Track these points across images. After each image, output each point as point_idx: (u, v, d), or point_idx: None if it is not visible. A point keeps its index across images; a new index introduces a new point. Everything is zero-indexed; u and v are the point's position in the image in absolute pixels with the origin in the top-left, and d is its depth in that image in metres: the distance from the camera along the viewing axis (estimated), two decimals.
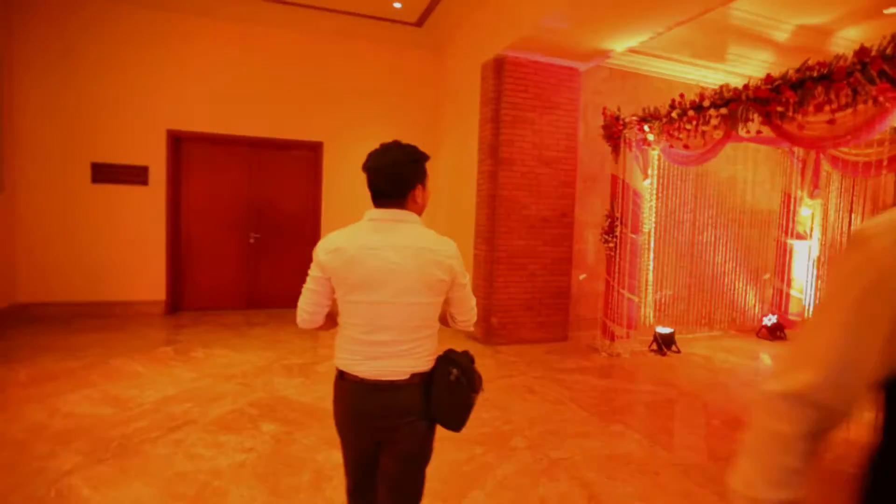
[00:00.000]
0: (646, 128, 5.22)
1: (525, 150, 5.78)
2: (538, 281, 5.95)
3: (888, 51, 3.23)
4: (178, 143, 6.74)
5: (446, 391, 1.60)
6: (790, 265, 6.45)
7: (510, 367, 5.01)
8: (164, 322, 6.33)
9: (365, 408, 1.59)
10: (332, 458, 2.97)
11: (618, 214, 5.52)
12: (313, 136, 7.15)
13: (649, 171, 5.57)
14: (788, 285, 6.48)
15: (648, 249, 5.73)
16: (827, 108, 3.59)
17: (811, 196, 6.34)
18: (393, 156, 1.63)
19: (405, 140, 1.75)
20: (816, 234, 6.46)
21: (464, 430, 1.69)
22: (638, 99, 6.26)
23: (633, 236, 5.55)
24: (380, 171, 1.62)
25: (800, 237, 6.40)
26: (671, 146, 5.08)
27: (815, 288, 6.58)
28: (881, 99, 3.32)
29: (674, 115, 4.79)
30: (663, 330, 5.66)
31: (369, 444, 1.65)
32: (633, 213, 5.54)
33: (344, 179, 7.20)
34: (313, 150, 7.25)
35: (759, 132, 4.15)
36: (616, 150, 5.55)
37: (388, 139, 1.73)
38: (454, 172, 7.02)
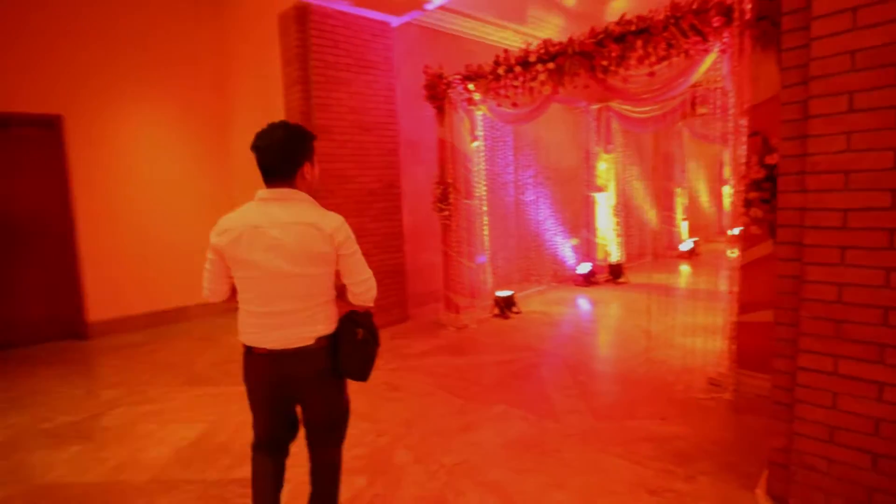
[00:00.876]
0: (471, 86, 4.96)
1: (343, 116, 5.04)
2: (371, 261, 5.32)
3: (695, 6, 3.43)
4: None
5: (354, 350, 1.76)
6: (594, 216, 7.10)
7: None
8: None
9: (279, 375, 1.72)
10: None
11: (450, 180, 5.23)
12: (46, 107, 5.18)
13: (477, 133, 5.38)
14: (594, 234, 7.15)
15: (482, 214, 5.61)
16: (646, 61, 3.73)
17: (606, 151, 7.02)
18: (279, 134, 1.71)
19: (186, 111, 1.05)
20: (612, 185, 7.22)
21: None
22: (450, 60, 5.99)
23: (467, 202, 5.35)
24: (267, 150, 1.71)
25: (599, 189, 7.06)
26: (499, 105, 4.93)
27: (616, 234, 7.41)
28: (692, 52, 3.54)
29: (500, 71, 4.60)
30: (503, 293, 5.66)
31: (282, 405, 1.81)
32: (464, 178, 5.31)
33: (107, 164, 5.46)
34: (48, 128, 5.27)
35: (586, 86, 4.20)
36: (441, 111, 5.20)
37: (162, 111, 1.00)
38: None
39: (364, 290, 1.81)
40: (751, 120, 3.19)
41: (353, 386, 1.92)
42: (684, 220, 8.93)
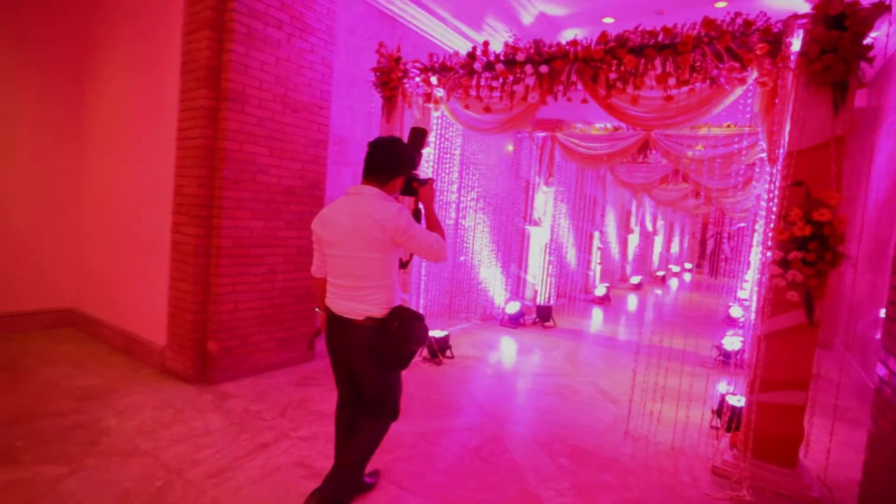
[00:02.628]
0: (434, 80, 4.06)
1: (265, 86, 3.81)
2: (280, 280, 4.12)
3: (735, 26, 2.94)
4: None
5: (387, 337, 2.00)
6: (527, 251, 6.53)
7: (255, 423, 3.12)
8: None
9: (333, 335, 2.12)
10: None
11: None
12: None
13: (429, 138, 4.47)
14: (525, 271, 6.56)
15: None
16: (663, 82, 3.16)
17: (546, 184, 6.52)
18: (386, 141, 2.11)
19: None
20: (547, 220, 6.73)
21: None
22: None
23: None
24: (372, 147, 2.11)
25: (535, 223, 6.51)
26: (466, 107, 4.08)
27: (546, 273, 6.91)
28: (722, 79, 3.04)
29: (476, 66, 3.78)
30: (436, 334, 4.72)
31: (343, 363, 2.18)
32: None
33: None
34: None
35: (584, 101, 3.53)
36: (390, 104, 4.22)
37: None
38: (128, 110, 4.34)
39: (428, 254, 2.06)
40: (792, 168, 2.72)
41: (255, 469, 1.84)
42: (599, 263, 8.83)
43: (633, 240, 11.19)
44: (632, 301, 9.77)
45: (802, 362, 2.75)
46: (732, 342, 5.09)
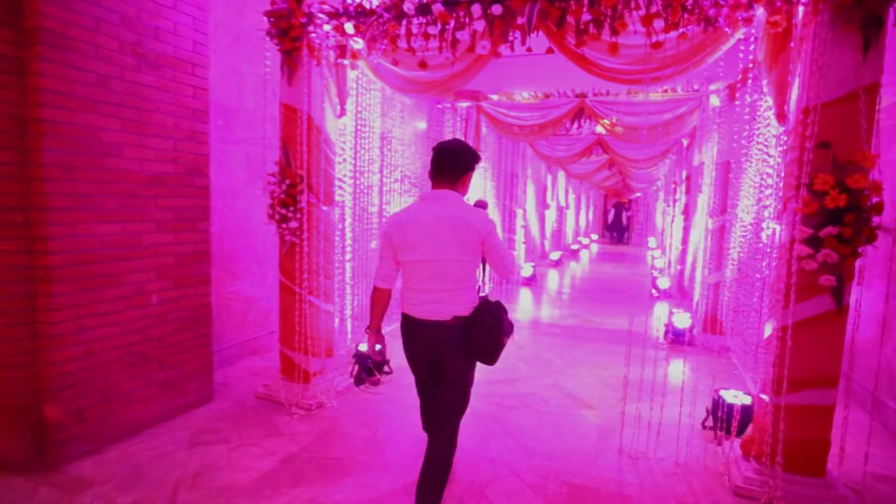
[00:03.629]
0: (349, 27, 3.12)
1: (106, 27, 2.63)
2: (156, 303, 3.00)
3: None
4: None
5: (480, 331, 2.02)
6: None
7: None
8: None
9: (419, 339, 2.11)
10: None
11: (301, 173, 3.26)
12: None
13: (346, 105, 3.53)
14: None
15: (345, 228, 3.75)
16: (650, 24, 2.55)
17: None
18: (454, 145, 2.16)
19: None
20: (489, 200, 6.05)
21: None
22: None
23: (326, 209, 3.44)
24: (441, 152, 2.12)
25: None
26: (395, 63, 3.20)
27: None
28: (720, 20, 2.49)
29: (405, 9, 2.91)
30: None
31: (425, 365, 2.15)
32: (325, 172, 3.40)
33: None
34: None
35: (549, 51, 2.83)
36: (292, 62, 3.21)
37: None
38: None
39: (503, 269, 2.14)
40: (815, 126, 2.25)
41: None
42: (524, 243, 8.42)
43: (551, 215, 11.03)
44: (554, 278, 9.56)
45: (830, 356, 2.34)
46: (681, 319, 4.84)
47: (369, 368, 3.78)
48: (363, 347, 3.84)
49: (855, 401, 3.26)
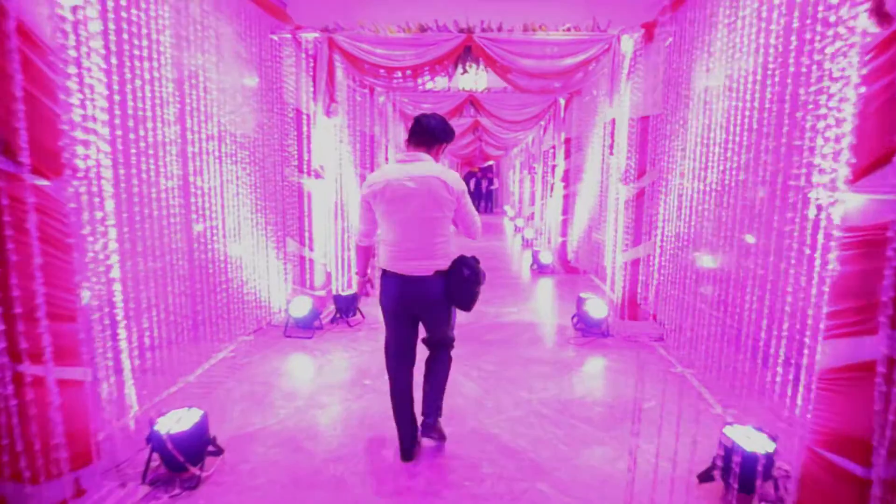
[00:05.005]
0: None
1: None
2: None
3: None
4: None
5: (460, 284, 2.25)
6: (311, 216, 4.31)
7: None
8: None
9: (401, 293, 2.27)
10: None
11: None
12: None
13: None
14: (311, 247, 4.36)
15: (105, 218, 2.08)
16: None
17: (328, 113, 4.30)
18: (438, 119, 2.29)
19: None
20: (333, 168, 4.59)
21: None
22: None
23: (48, 184, 1.76)
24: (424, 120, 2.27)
25: (316, 175, 4.30)
26: None
27: (340, 247, 4.83)
28: None
29: None
30: (180, 423, 2.27)
31: (406, 320, 2.34)
32: (40, 110, 1.69)
33: None
34: None
35: None
36: None
37: None
38: None
39: (473, 231, 2.36)
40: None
41: None
42: None
43: None
44: None
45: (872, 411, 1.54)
46: (596, 307, 4.07)
47: (178, 464, 2.21)
48: (163, 425, 2.24)
49: None
